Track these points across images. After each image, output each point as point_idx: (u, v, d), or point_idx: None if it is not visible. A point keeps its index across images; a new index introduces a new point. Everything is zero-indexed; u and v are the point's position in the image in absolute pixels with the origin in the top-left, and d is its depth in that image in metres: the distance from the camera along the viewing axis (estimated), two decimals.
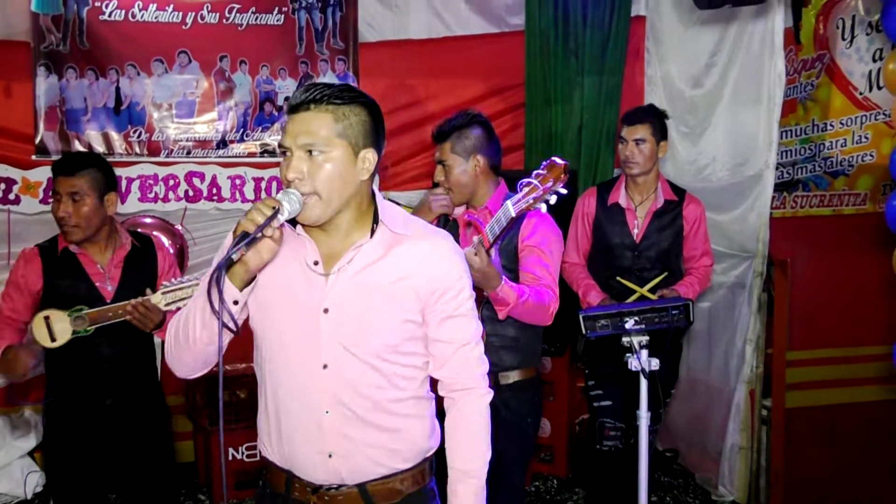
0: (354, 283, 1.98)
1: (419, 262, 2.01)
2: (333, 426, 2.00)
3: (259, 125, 5.23)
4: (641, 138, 3.90)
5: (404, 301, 2.00)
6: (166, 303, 3.05)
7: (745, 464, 4.58)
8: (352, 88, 1.98)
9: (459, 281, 2.06)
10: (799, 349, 4.49)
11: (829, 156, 4.79)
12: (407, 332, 2.03)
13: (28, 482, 4.63)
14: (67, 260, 3.19)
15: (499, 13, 5.42)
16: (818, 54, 4.78)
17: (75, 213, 3.10)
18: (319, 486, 2.05)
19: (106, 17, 4.92)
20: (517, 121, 5.46)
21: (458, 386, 2.13)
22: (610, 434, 3.95)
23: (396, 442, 2.05)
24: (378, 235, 2.01)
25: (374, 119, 1.99)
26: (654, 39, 5.32)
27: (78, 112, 4.96)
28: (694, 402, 5.00)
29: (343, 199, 1.95)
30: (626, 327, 3.26)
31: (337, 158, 1.91)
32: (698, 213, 4.03)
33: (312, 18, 5.21)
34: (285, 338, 2.03)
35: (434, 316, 2.05)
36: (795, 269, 4.43)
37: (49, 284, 3.17)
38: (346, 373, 1.99)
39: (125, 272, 3.22)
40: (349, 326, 1.98)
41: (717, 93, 4.81)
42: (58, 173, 3.14)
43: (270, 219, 1.80)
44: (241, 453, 4.73)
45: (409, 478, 2.09)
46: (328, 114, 1.91)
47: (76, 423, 3.20)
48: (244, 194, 5.11)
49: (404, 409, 2.06)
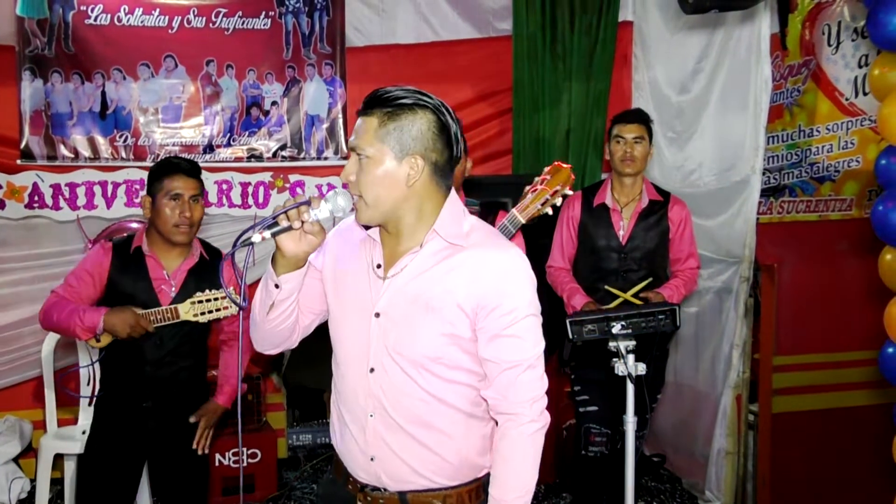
0: (405, 290, 1.97)
1: (468, 275, 1.93)
2: (376, 430, 2.00)
3: (246, 130, 5.22)
4: (640, 136, 3.92)
5: (446, 314, 1.94)
6: (194, 313, 3.09)
7: (732, 469, 4.59)
8: (415, 93, 1.92)
9: (513, 299, 1.94)
10: (785, 354, 4.49)
11: (816, 161, 4.80)
12: (451, 347, 1.96)
13: (12, 488, 4.59)
14: (136, 259, 3.22)
15: (486, 18, 5.44)
16: (804, 60, 4.80)
17: (195, 215, 3.18)
18: (365, 485, 2.06)
19: (91, 21, 4.91)
20: (505, 126, 5.47)
21: (501, 409, 2.00)
22: (595, 440, 3.95)
23: (437, 457, 2.01)
24: (430, 245, 1.97)
25: (433, 125, 1.92)
26: (642, 45, 5.34)
27: (63, 116, 4.94)
28: (681, 406, 5.01)
29: (391, 205, 1.93)
30: (612, 332, 3.26)
31: (378, 163, 1.90)
32: (683, 215, 4.03)
33: (299, 23, 5.21)
34: (345, 338, 2.06)
35: (483, 333, 1.96)
36: (782, 275, 4.44)
37: (112, 280, 3.20)
38: (390, 379, 1.98)
39: (187, 281, 3.23)
40: (395, 333, 1.97)
41: (703, 98, 4.82)
42: (179, 172, 3.18)
43: (294, 206, 1.85)
44: (227, 459, 4.70)
45: (455, 496, 2.03)
46: (375, 119, 1.90)
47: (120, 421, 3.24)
48: (231, 199, 5.10)
49: (449, 424, 2.01)
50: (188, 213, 3.14)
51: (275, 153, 5.25)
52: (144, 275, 3.20)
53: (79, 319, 3.10)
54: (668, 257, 4.04)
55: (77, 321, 3.10)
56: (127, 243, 3.26)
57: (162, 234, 3.20)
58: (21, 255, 4.87)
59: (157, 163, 3.31)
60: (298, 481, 4.99)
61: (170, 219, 3.15)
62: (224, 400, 3.40)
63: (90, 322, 3.09)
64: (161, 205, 3.15)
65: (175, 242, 3.20)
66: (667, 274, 4.05)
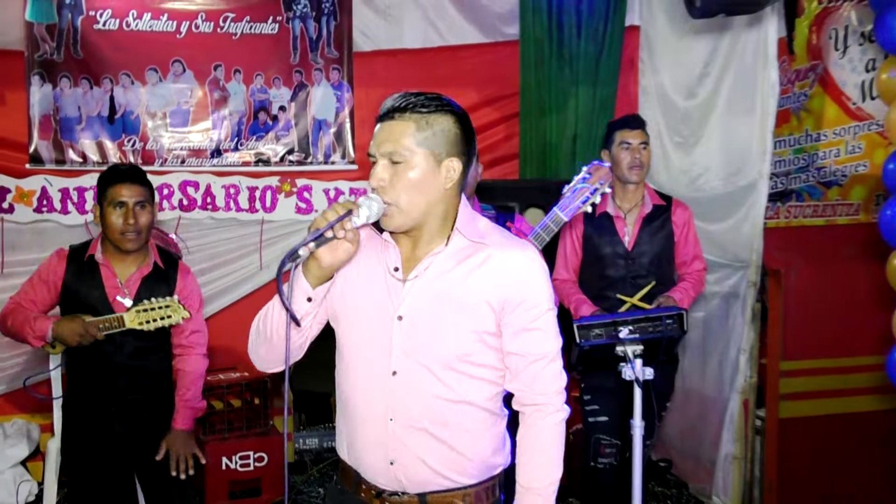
0: (429, 292, 1.99)
1: (494, 272, 1.99)
2: (396, 434, 2.00)
3: (253, 134, 5.23)
4: (645, 142, 3.92)
5: (477, 311, 1.99)
6: (139, 321, 3.11)
7: (739, 474, 4.57)
8: (439, 97, 1.96)
9: (537, 293, 2.02)
10: (793, 359, 4.49)
11: (823, 166, 4.79)
12: (479, 343, 2.01)
13: (20, 491, 4.61)
14: (91, 267, 3.23)
15: (493, 23, 5.44)
16: (811, 64, 4.79)
17: (140, 221, 3.17)
18: (382, 491, 2.05)
19: (100, 27, 4.94)
20: (511, 130, 5.47)
21: (528, 400, 2.09)
22: (605, 451, 3.91)
23: (460, 456, 2.03)
24: (453, 244, 2.00)
25: (461, 128, 1.98)
26: (648, 49, 5.34)
27: (72, 121, 4.96)
28: (688, 411, 5.00)
29: (424, 208, 1.95)
30: (619, 336, 3.26)
31: (418, 167, 1.92)
32: (686, 217, 4.02)
33: (307, 27, 5.22)
34: (361, 342, 2.04)
35: (508, 328, 2.02)
36: (789, 280, 4.43)
37: (67, 287, 3.23)
38: (414, 381, 1.99)
39: (141, 290, 3.24)
40: (421, 335, 1.98)
41: (710, 103, 4.82)
42: (122, 180, 3.18)
43: (341, 218, 1.82)
44: (234, 462, 4.70)
45: (473, 494, 2.07)
46: (411, 122, 1.92)
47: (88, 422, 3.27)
48: (238, 203, 5.11)
49: (470, 423, 2.04)
50: (132, 219, 3.15)
51: (282, 158, 5.27)
52: (98, 283, 3.22)
53: (30, 328, 3.17)
54: (674, 262, 4.04)
55: (28, 329, 3.18)
56: (82, 250, 3.28)
57: (112, 243, 3.21)
58: (30, 259, 4.86)
59: (103, 172, 3.31)
60: (305, 485, 5.00)
61: (116, 227, 3.16)
62: (181, 423, 3.37)
63: (40, 330, 3.16)
64: (107, 213, 3.17)
65: (124, 250, 3.21)
66: (673, 278, 4.04)
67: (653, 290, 3.91)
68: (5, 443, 4.70)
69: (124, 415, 3.27)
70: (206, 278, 5.10)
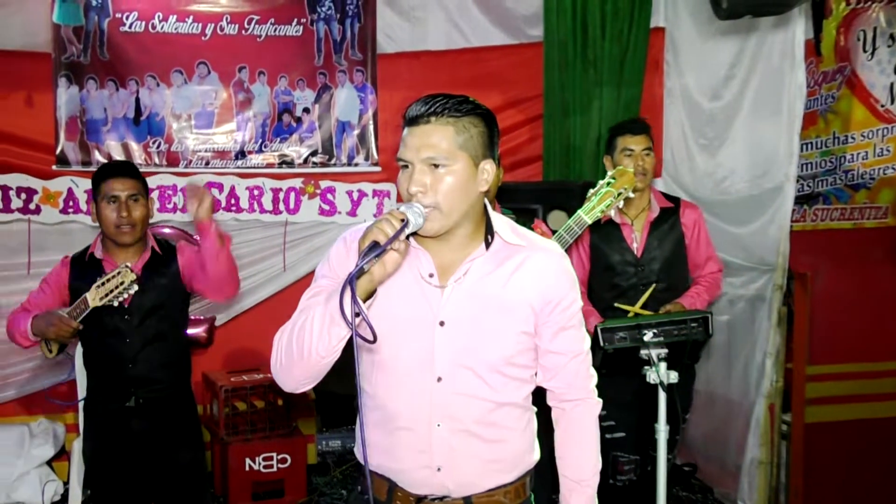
0: (470, 296, 1.98)
1: (534, 273, 2.01)
2: (444, 439, 2.00)
3: (277, 136, 5.24)
4: (648, 148, 3.81)
5: (519, 313, 2.01)
6: (100, 297, 3.06)
7: (765, 479, 4.54)
8: (469, 100, 1.95)
9: (571, 292, 2.07)
10: (819, 363, 4.46)
11: (850, 168, 4.75)
12: (521, 344, 2.03)
13: (46, 491, 4.64)
14: (92, 265, 3.26)
15: (517, 24, 5.42)
16: (839, 66, 4.75)
17: (133, 214, 3.19)
18: (423, 497, 2.04)
19: (126, 29, 4.96)
20: (535, 132, 5.45)
21: (569, 396, 2.16)
22: (624, 469, 3.85)
23: (502, 454, 2.06)
24: (493, 247, 2.01)
25: (491, 129, 1.98)
26: (673, 51, 5.31)
27: (98, 122, 5.00)
28: (713, 415, 4.96)
29: (462, 212, 1.94)
30: (644, 340, 3.24)
31: (459, 171, 1.90)
32: (696, 218, 3.92)
33: (331, 29, 5.23)
34: (399, 350, 2.01)
35: (547, 328, 2.05)
36: (815, 283, 4.40)
37: (74, 290, 3.24)
38: (460, 386, 1.99)
39: (145, 277, 3.24)
40: (465, 339, 1.98)
41: (736, 104, 4.78)
42: (113, 175, 3.22)
43: (400, 231, 1.79)
44: (257, 464, 4.72)
45: (513, 491, 2.09)
46: (449, 126, 1.90)
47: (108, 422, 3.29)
48: (262, 205, 5.13)
49: (511, 421, 2.07)
50: (125, 212, 3.17)
51: (306, 159, 5.28)
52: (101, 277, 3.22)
53: (17, 329, 3.22)
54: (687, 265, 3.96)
55: (16, 331, 3.22)
56: (83, 253, 3.33)
57: (110, 238, 3.24)
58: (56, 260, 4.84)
59: (96, 170, 3.35)
60: (328, 487, 5.01)
61: (111, 221, 3.19)
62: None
63: (23, 330, 3.19)
64: (101, 209, 3.21)
65: (121, 244, 3.23)
66: (687, 283, 3.97)
67: (662, 296, 3.82)
68: (31, 443, 4.73)
69: (142, 412, 3.27)
70: None
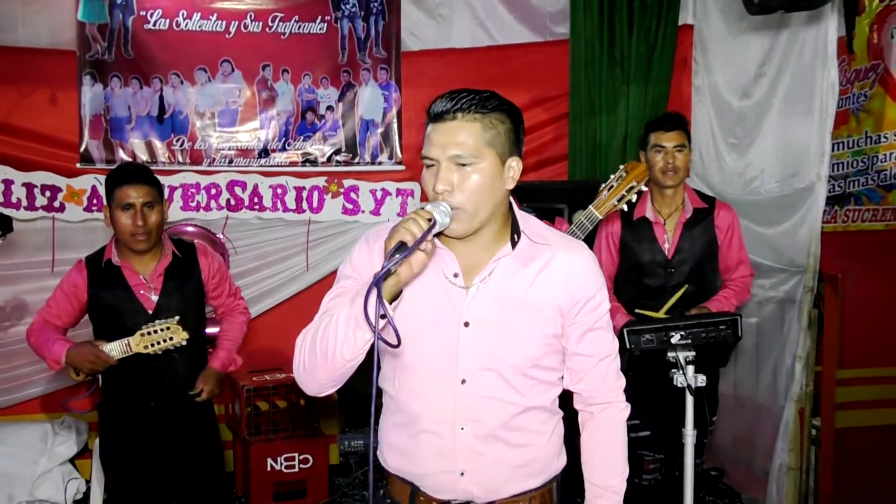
0: (496, 296, 1.94)
1: (560, 273, 1.96)
2: (468, 443, 1.96)
3: (301, 134, 5.22)
4: (681, 144, 3.75)
5: (546, 313, 1.96)
6: (145, 345, 3.10)
7: (794, 485, 4.46)
8: (495, 95, 1.90)
9: (599, 292, 2.02)
10: (850, 367, 4.38)
11: (883, 168, 4.66)
12: (548, 346, 1.98)
13: (68, 489, 4.64)
14: (111, 272, 3.23)
15: (543, 22, 5.39)
16: (872, 64, 4.66)
17: (149, 221, 3.15)
18: (446, 502, 2.00)
19: (150, 27, 4.96)
20: (561, 131, 5.40)
21: (596, 400, 2.10)
22: (650, 468, 3.80)
23: (528, 459, 2.01)
24: (519, 246, 1.96)
25: (517, 126, 1.93)
26: (702, 49, 5.23)
27: (122, 120, 5.00)
28: (741, 419, 4.89)
29: (489, 210, 1.90)
30: (671, 342, 3.18)
31: (486, 169, 1.85)
32: (730, 220, 3.86)
33: (355, 27, 5.20)
34: (423, 352, 1.97)
35: (574, 329, 2.00)
36: (846, 285, 4.31)
37: (93, 296, 3.23)
38: (485, 388, 1.94)
39: (167, 282, 3.23)
40: (491, 340, 1.93)
41: (766, 103, 4.70)
42: (128, 181, 3.15)
43: (428, 231, 1.74)
44: (279, 464, 4.70)
45: (539, 497, 2.04)
46: (476, 123, 1.85)
47: (126, 425, 3.29)
48: (286, 203, 5.11)
49: (537, 425, 2.02)
50: (140, 220, 3.12)
51: (329, 158, 5.25)
52: (122, 284, 3.21)
53: (48, 350, 3.19)
54: (717, 268, 3.89)
55: (46, 352, 3.20)
56: (98, 258, 3.27)
57: (125, 244, 3.20)
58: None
59: (109, 173, 3.29)
60: (350, 487, 4.98)
61: (126, 229, 3.14)
62: (218, 364, 3.45)
63: (55, 355, 3.17)
64: (116, 216, 3.15)
65: (136, 251, 3.19)
66: (717, 286, 3.90)
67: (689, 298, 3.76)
68: (55, 440, 4.74)
69: (160, 413, 3.28)
70: (252, 279, 5.11)
